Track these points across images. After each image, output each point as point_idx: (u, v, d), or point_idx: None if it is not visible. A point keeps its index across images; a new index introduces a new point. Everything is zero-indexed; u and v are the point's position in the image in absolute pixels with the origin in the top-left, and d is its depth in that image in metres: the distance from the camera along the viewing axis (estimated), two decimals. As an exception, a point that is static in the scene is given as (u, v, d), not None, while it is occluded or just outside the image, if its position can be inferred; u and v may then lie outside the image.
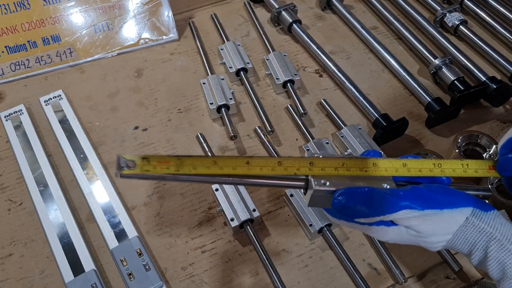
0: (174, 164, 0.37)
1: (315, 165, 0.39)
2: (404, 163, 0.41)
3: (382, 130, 0.70)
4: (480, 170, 0.43)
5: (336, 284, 0.59)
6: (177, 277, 0.60)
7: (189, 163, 0.37)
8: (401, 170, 0.40)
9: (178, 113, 0.79)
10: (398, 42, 0.90)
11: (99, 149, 0.74)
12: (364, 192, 0.37)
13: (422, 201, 0.38)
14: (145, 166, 0.36)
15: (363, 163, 0.40)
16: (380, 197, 0.37)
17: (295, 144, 0.74)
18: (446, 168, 0.41)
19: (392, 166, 0.40)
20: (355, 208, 0.37)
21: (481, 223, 0.38)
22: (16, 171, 0.71)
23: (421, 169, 0.41)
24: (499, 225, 0.39)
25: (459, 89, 0.75)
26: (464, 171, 0.42)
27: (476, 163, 0.43)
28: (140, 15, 0.89)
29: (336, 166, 0.39)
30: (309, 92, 0.82)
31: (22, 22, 0.83)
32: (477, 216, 0.39)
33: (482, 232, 0.38)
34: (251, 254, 0.62)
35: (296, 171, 0.39)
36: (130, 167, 0.36)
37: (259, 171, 0.38)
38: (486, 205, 0.40)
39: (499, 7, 0.92)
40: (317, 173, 0.39)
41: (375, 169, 0.40)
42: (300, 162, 0.39)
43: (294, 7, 0.93)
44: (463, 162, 0.42)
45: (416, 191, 0.39)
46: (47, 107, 0.77)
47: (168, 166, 0.37)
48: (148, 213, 0.66)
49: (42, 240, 0.63)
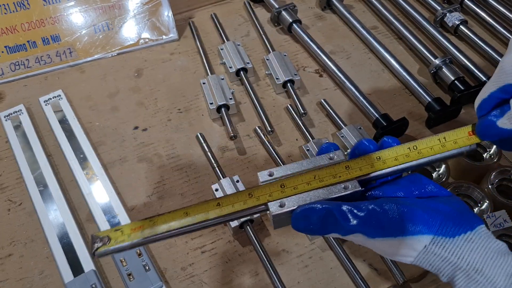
0: (147, 227, 0.37)
1: (286, 186, 0.38)
2: (378, 157, 0.39)
3: (382, 130, 0.70)
4: (459, 140, 0.39)
5: (336, 284, 0.59)
6: (177, 277, 0.60)
7: (161, 222, 0.37)
8: (377, 164, 0.38)
9: (178, 113, 0.79)
10: (398, 42, 0.90)
11: (99, 149, 0.74)
12: (318, 213, 0.36)
13: (374, 228, 0.35)
14: (119, 238, 0.37)
15: (335, 169, 0.39)
16: (333, 220, 0.35)
17: (295, 144, 0.74)
18: (422, 148, 0.39)
19: (367, 163, 0.39)
20: (314, 229, 0.36)
21: (443, 251, 0.35)
22: (15, 171, 0.71)
23: (397, 157, 0.39)
24: (467, 253, 0.34)
25: (459, 89, 0.75)
26: (443, 145, 0.39)
27: (453, 134, 0.40)
28: (140, 15, 0.89)
29: (308, 181, 0.38)
30: (309, 92, 0.82)
31: (22, 22, 0.83)
32: (438, 245, 0.35)
33: (446, 261, 0.35)
34: (251, 254, 0.62)
35: (269, 197, 0.38)
36: (105, 243, 0.37)
37: (232, 209, 0.38)
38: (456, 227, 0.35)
39: (499, 7, 0.92)
40: (290, 193, 0.38)
41: (348, 171, 0.39)
42: (271, 188, 0.38)
43: (294, 7, 0.92)
44: (440, 137, 0.39)
45: (372, 214, 0.35)
46: (47, 107, 0.77)
47: (142, 231, 0.37)
48: (148, 213, 0.66)
49: (42, 240, 0.63)
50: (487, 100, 0.39)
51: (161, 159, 0.73)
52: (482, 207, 0.61)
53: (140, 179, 0.70)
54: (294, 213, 0.37)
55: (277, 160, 0.70)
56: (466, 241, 0.35)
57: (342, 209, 0.36)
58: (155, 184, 0.70)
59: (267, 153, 0.73)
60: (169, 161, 0.72)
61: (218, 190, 0.65)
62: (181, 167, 0.71)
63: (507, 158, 0.70)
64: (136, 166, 0.72)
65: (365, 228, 0.35)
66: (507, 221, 0.57)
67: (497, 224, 0.56)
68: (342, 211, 0.36)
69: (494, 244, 0.35)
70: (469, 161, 0.64)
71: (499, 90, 0.38)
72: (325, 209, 0.36)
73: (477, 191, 0.61)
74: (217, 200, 0.38)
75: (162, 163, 0.72)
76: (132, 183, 0.70)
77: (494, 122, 0.38)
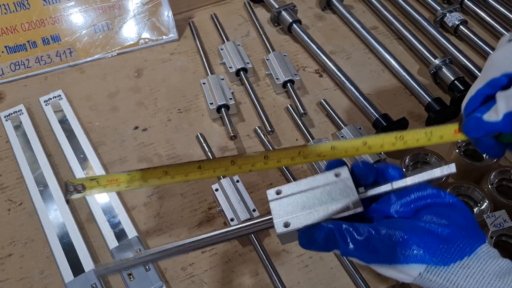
0: (124, 181, 0.37)
1: (270, 158, 0.38)
2: (364, 142, 0.39)
3: (382, 130, 0.70)
4: (445, 136, 0.40)
5: (336, 284, 0.59)
6: (177, 277, 0.60)
7: (139, 177, 0.37)
8: (362, 149, 0.39)
9: (178, 113, 0.79)
10: (398, 42, 0.90)
11: (99, 149, 0.74)
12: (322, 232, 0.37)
13: (370, 254, 0.36)
14: (94, 188, 0.36)
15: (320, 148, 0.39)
16: (334, 242, 0.36)
17: (295, 144, 0.74)
18: (408, 139, 0.39)
19: (352, 145, 0.39)
20: (317, 247, 0.37)
21: (438, 278, 0.34)
22: (16, 171, 0.71)
23: (383, 145, 0.39)
24: (462, 279, 0.34)
25: (459, 89, 0.75)
26: (428, 139, 0.40)
27: (440, 129, 0.40)
28: (140, 15, 0.89)
29: (292, 156, 0.38)
30: (309, 92, 0.82)
31: (22, 22, 0.83)
32: (433, 273, 0.35)
33: (442, 287, 0.35)
34: (251, 254, 0.62)
35: (251, 167, 0.38)
36: (79, 190, 0.36)
37: (212, 173, 0.38)
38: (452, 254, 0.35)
39: (499, 7, 0.92)
40: (273, 165, 0.38)
41: (333, 152, 0.39)
42: (254, 158, 0.38)
43: (294, 7, 0.92)
44: (426, 131, 0.40)
45: (369, 240, 0.35)
46: (47, 107, 0.77)
47: (118, 184, 0.37)
48: (148, 213, 0.66)
49: (42, 240, 0.63)
50: (474, 97, 0.40)
51: (161, 159, 0.73)
52: (482, 207, 0.61)
53: (140, 179, 0.70)
54: (300, 232, 0.38)
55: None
56: (461, 268, 0.34)
57: (342, 231, 0.36)
58: (155, 184, 0.70)
59: (267, 153, 0.73)
60: (169, 161, 0.72)
61: (218, 190, 0.65)
62: (181, 167, 0.71)
63: (507, 158, 0.70)
64: (136, 166, 0.72)
65: (362, 253, 0.36)
66: (507, 221, 0.57)
67: (497, 224, 0.56)
68: (342, 233, 0.36)
69: (494, 266, 0.34)
70: (469, 161, 0.64)
71: (486, 85, 0.39)
72: (327, 228, 0.37)
73: (477, 191, 0.62)
74: (198, 163, 0.37)
75: (162, 163, 0.72)
76: (132, 183, 0.70)
77: (480, 117, 0.38)
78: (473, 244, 0.35)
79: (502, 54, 0.39)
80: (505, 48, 0.39)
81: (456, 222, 0.36)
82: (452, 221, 0.36)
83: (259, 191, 0.68)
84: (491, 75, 0.38)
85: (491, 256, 0.35)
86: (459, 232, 0.36)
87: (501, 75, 0.38)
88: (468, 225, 0.37)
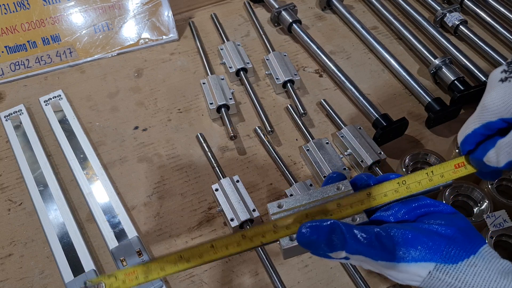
0: (141, 272, 0.37)
1: (279, 226, 0.39)
2: (368, 193, 0.40)
3: (382, 130, 0.70)
4: (446, 173, 0.41)
5: (336, 284, 0.59)
6: (177, 277, 0.60)
7: (156, 267, 0.37)
8: (367, 201, 0.39)
9: (178, 113, 0.79)
10: (398, 42, 0.90)
11: (99, 149, 0.74)
12: (327, 226, 0.36)
13: (378, 251, 0.36)
14: (114, 284, 0.37)
15: (326, 207, 0.39)
16: (341, 236, 0.36)
17: (295, 144, 0.74)
18: (411, 183, 0.40)
19: (357, 199, 0.40)
20: (319, 242, 0.36)
21: (447, 277, 0.35)
22: (16, 171, 0.71)
23: (386, 193, 0.40)
24: (470, 278, 0.35)
25: (459, 89, 0.75)
26: (430, 179, 0.41)
27: (440, 167, 0.41)
28: (140, 15, 0.89)
29: (300, 220, 0.39)
30: (309, 92, 0.82)
31: (22, 22, 0.83)
32: (442, 271, 0.35)
33: (450, 286, 0.35)
34: (251, 254, 0.62)
35: (262, 239, 0.39)
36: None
37: (226, 251, 0.38)
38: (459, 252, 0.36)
39: (499, 7, 0.92)
40: (283, 234, 0.39)
41: (339, 209, 0.39)
42: (263, 228, 0.39)
43: (294, 7, 0.93)
44: (428, 171, 0.41)
45: (378, 237, 0.36)
46: (47, 107, 0.77)
47: (136, 276, 0.37)
48: (148, 213, 0.66)
49: (42, 240, 0.63)
50: (471, 135, 0.41)
51: (161, 159, 0.73)
52: (482, 207, 0.61)
53: (140, 179, 0.70)
54: (302, 224, 0.37)
55: (277, 160, 0.70)
56: (469, 266, 0.35)
57: (350, 227, 0.36)
58: (155, 184, 0.70)
59: (267, 153, 0.73)
60: (169, 161, 0.72)
61: (218, 190, 0.65)
62: (181, 167, 0.72)
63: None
64: (136, 166, 0.72)
65: (370, 249, 0.36)
66: (507, 221, 0.57)
67: (497, 224, 0.56)
68: (349, 228, 0.36)
69: (497, 265, 0.35)
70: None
71: (482, 127, 0.40)
72: (333, 223, 0.36)
73: (477, 191, 0.61)
74: (210, 242, 0.38)
75: (162, 163, 0.72)
76: (132, 183, 0.70)
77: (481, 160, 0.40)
78: (476, 244, 0.36)
79: (496, 97, 0.38)
80: (498, 90, 0.39)
81: (457, 224, 0.37)
82: (453, 224, 0.37)
83: (259, 191, 0.68)
84: (487, 118, 0.39)
85: (493, 256, 0.36)
86: (462, 233, 0.36)
87: (497, 119, 0.38)
88: (468, 228, 0.38)
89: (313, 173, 0.70)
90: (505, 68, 0.39)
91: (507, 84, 0.38)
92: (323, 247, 0.36)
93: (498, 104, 0.38)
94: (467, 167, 0.42)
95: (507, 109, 0.38)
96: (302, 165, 0.72)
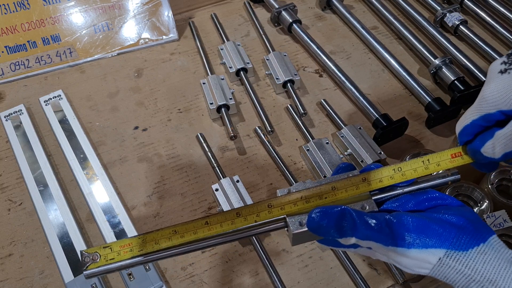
0: (136, 245, 0.37)
1: (273, 206, 0.39)
2: (363, 178, 0.40)
3: (382, 130, 0.70)
4: (442, 162, 0.41)
5: (336, 284, 0.59)
6: (177, 277, 0.60)
7: (150, 239, 0.38)
8: (361, 186, 0.40)
9: (178, 113, 0.79)
10: (398, 42, 0.90)
11: (99, 149, 0.74)
12: (337, 211, 0.37)
13: (389, 237, 0.36)
14: (109, 255, 0.37)
15: (322, 189, 0.40)
16: (352, 221, 0.36)
17: (295, 144, 0.74)
18: (406, 170, 0.41)
19: (352, 183, 0.40)
20: (329, 227, 0.36)
21: (458, 264, 0.35)
22: (16, 171, 0.71)
23: (382, 179, 0.40)
24: (480, 265, 0.35)
25: (459, 89, 0.75)
26: (426, 167, 0.41)
27: (437, 156, 0.41)
28: (140, 15, 0.89)
29: (295, 201, 0.39)
30: (309, 92, 0.82)
31: (22, 22, 0.83)
32: (452, 258, 0.35)
33: (460, 273, 0.35)
34: (251, 254, 0.62)
35: (256, 218, 0.39)
36: (94, 260, 0.37)
37: (220, 228, 0.38)
38: (469, 240, 0.36)
39: (499, 7, 0.92)
40: (277, 214, 0.39)
41: (334, 193, 0.40)
42: (258, 207, 0.39)
43: (294, 7, 0.93)
44: (424, 159, 0.41)
45: (389, 224, 0.36)
46: (47, 107, 0.77)
47: (131, 248, 0.37)
48: (148, 213, 0.66)
49: (42, 240, 0.63)
50: (469, 127, 0.41)
51: (161, 159, 0.73)
52: (482, 207, 0.61)
53: (140, 179, 0.70)
54: (313, 211, 0.37)
55: (277, 160, 0.70)
56: (479, 254, 0.35)
57: (360, 213, 0.37)
58: (155, 184, 0.70)
59: (267, 153, 0.73)
60: (169, 161, 0.72)
61: (218, 190, 0.65)
62: (181, 167, 0.72)
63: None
64: (136, 166, 0.72)
65: (380, 235, 0.36)
66: (507, 221, 0.57)
67: (497, 224, 0.57)
68: (360, 214, 0.37)
69: (507, 254, 0.36)
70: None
71: (481, 118, 0.40)
72: (343, 209, 0.37)
73: (477, 191, 0.62)
74: (205, 219, 0.39)
75: (162, 163, 0.72)
76: (132, 183, 0.70)
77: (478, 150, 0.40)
78: (485, 233, 0.37)
79: (495, 89, 0.39)
80: (498, 82, 0.39)
81: (466, 215, 0.38)
82: (463, 214, 0.38)
83: (259, 191, 0.68)
84: (486, 109, 0.39)
85: (502, 245, 0.37)
86: (471, 223, 0.37)
87: (496, 111, 0.39)
88: (477, 219, 0.38)
89: (313, 173, 0.70)
90: (505, 60, 0.39)
91: (506, 76, 0.38)
92: (332, 233, 0.37)
93: (497, 96, 0.38)
94: (463, 158, 0.42)
95: (506, 101, 0.38)
96: (302, 165, 0.72)
